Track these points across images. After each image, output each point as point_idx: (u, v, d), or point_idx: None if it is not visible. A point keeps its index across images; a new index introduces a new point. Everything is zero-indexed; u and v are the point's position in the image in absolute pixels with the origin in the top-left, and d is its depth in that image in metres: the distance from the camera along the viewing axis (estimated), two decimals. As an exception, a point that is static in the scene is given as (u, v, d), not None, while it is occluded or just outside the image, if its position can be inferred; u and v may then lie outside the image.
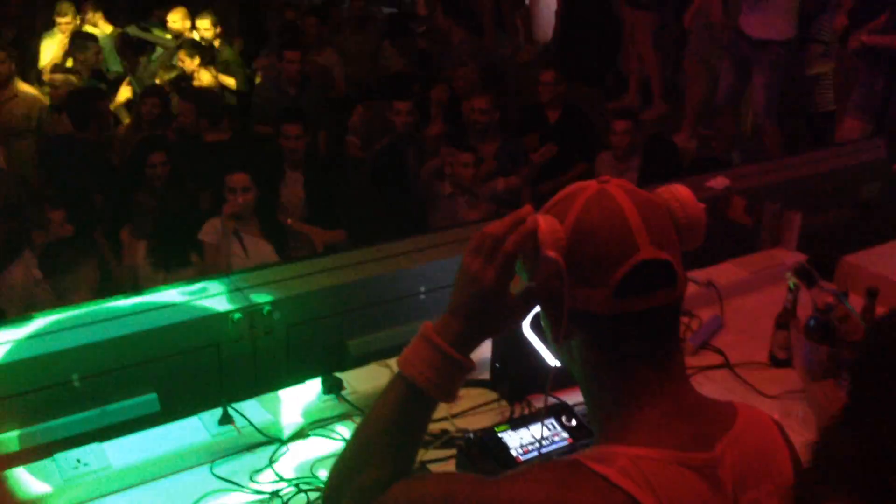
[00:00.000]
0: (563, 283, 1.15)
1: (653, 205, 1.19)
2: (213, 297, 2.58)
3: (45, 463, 2.06)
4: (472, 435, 2.24)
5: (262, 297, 2.59)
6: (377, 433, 1.26)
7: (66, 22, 7.14)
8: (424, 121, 6.23)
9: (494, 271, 1.19)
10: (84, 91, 6.22)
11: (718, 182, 3.42)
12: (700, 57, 6.34)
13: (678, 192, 1.22)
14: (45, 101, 6.37)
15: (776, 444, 1.28)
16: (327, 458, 2.19)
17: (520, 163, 5.67)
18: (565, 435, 2.24)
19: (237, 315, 2.53)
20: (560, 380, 1.33)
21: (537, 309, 1.26)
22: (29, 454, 2.13)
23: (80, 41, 6.88)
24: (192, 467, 2.16)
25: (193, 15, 7.38)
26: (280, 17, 8.22)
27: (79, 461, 2.09)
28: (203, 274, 4.00)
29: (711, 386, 2.50)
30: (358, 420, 2.29)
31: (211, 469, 2.16)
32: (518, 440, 2.21)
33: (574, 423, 2.26)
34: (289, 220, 4.82)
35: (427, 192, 5.47)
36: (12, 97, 6.08)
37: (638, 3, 6.67)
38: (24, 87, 6.25)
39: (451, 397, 1.26)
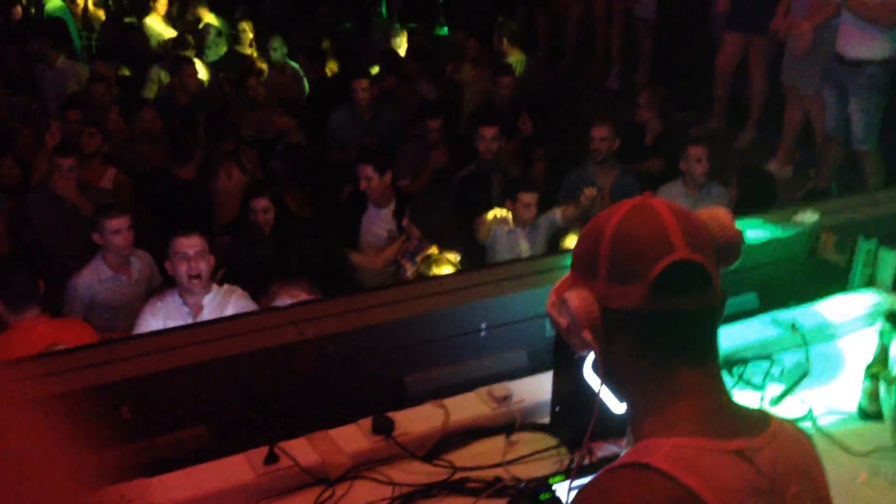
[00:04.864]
0: (597, 354, 1.30)
1: (691, 217, 1.29)
2: (267, 330, 2.53)
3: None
4: (524, 485, 2.12)
5: (316, 330, 2.53)
6: None
7: None
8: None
9: None
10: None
11: (807, 215, 3.19)
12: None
13: (716, 212, 1.35)
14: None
15: (810, 450, 1.31)
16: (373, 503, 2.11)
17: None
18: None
19: (292, 348, 2.48)
20: (620, 429, 1.37)
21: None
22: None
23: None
24: (235, 507, 2.11)
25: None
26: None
27: (122, 497, 2.06)
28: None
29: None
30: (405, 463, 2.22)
31: (254, 510, 2.10)
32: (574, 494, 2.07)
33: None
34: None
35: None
36: None
37: (752, 27, 6.40)
38: None
39: None
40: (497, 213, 4.88)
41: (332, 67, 8.28)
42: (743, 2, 6.37)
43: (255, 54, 8.51)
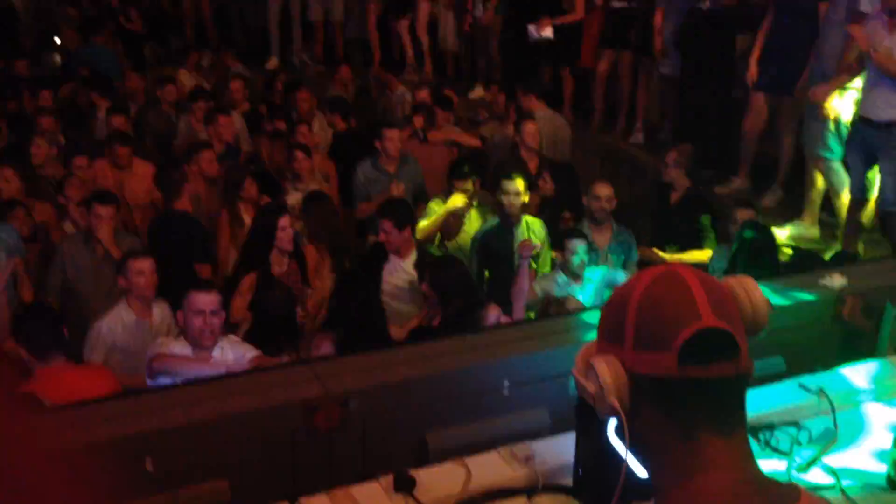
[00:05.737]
0: (623, 421, 1.28)
1: (718, 286, 1.29)
2: (290, 384, 2.54)
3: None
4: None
5: (339, 386, 2.54)
6: None
7: None
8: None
9: None
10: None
11: (834, 280, 3.18)
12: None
13: (744, 281, 1.37)
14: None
15: None
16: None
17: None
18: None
19: (314, 404, 2.48)
20: (644, 494, 1.32)
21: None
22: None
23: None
24: (253, 564, 2.10)
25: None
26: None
27: (142, 550, 2.06)
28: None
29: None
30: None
31: (273, 567, 2.09)
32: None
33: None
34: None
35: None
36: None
37: (780, 88, 6.43)
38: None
39: None
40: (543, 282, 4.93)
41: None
42: (771, 62, 6.40)
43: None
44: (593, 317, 3.16)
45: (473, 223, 6.09)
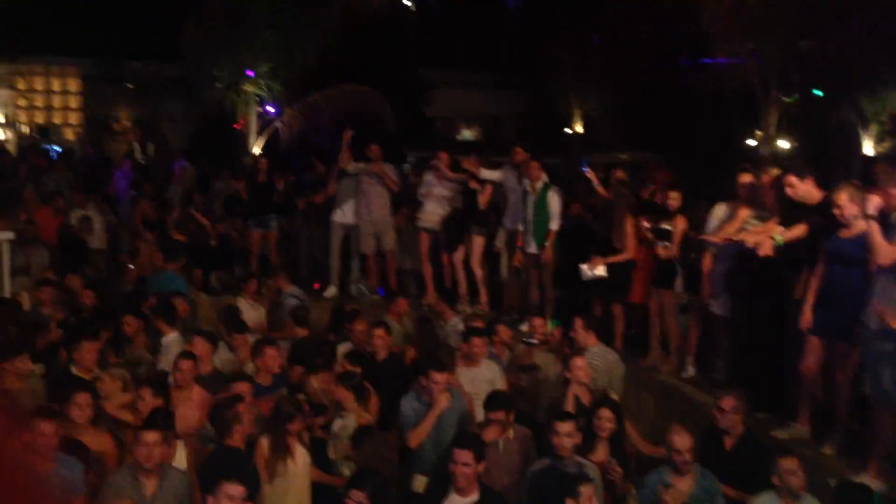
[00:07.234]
0: None
1: None
2: None
3: None
4: None
5: None
6: None
7: None
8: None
9: None
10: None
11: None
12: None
13: None
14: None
15: None
16: None
17: None
18: None
19: None
20: None
21: None
22: None
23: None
24: None
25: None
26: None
27: None
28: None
29: None
30: None
31: None
32: None
33: None
34: None
35: None
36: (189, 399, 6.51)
37: (835, 332, 6.33)
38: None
39: None
40: None
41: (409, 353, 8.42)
42: (825, 308, 6.34)
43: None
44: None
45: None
